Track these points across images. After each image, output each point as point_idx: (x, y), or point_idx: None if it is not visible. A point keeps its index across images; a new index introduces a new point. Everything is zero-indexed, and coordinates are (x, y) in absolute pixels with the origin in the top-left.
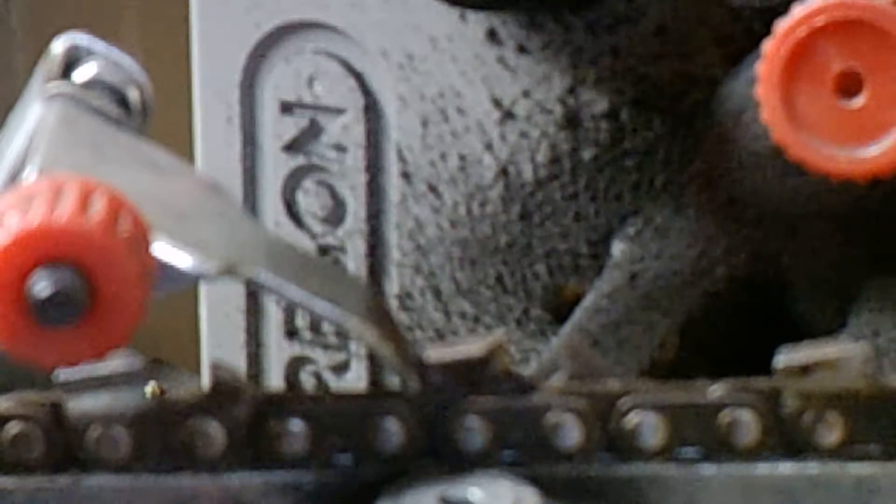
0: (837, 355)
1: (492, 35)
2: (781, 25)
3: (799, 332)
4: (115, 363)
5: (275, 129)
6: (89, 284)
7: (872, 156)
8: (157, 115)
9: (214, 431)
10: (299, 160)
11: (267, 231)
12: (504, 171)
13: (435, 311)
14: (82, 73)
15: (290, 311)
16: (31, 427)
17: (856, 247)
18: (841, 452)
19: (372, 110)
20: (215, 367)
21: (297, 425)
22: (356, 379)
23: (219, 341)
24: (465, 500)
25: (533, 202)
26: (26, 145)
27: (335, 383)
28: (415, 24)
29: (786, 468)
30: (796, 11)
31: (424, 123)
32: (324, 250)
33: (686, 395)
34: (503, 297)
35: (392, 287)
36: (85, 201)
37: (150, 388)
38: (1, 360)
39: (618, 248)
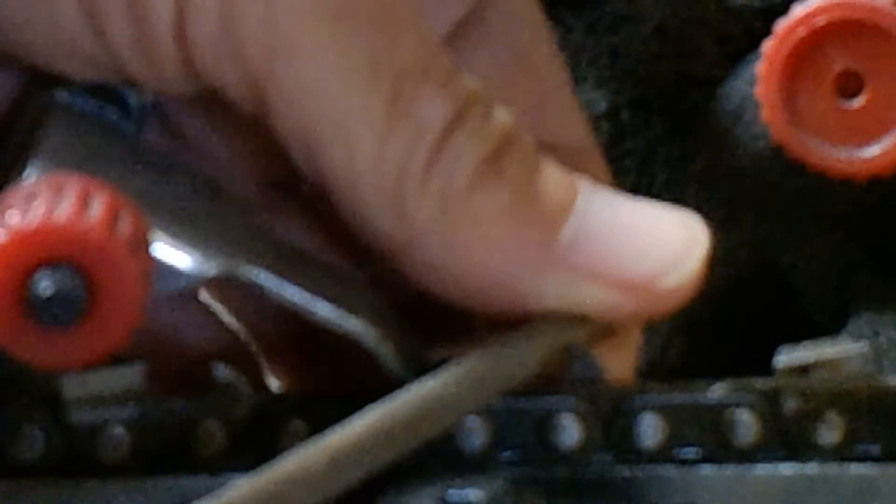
0: (837, 355)
1: None
2: (781, 25)
3: (799, 332)
4: (116, 364)
5: None
6: (89, 285)
7: (872, 156)
8: None
9: (214, 431)
10: None
11: (267, 230)
12: None
13: None
14: None
15: None
16: (31, 428)
17: (856, 247)
18: (841, 452)
19: None
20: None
21: (297, 425)
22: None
23: None
24: (465, 500)
25: None
26: (26, 145)
27: None
28: None
29: (786, 468)
30: (796, 11)
31: None
32: None
33: (686, 395)
34: None
35: None
36: (85, 201)
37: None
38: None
39: None
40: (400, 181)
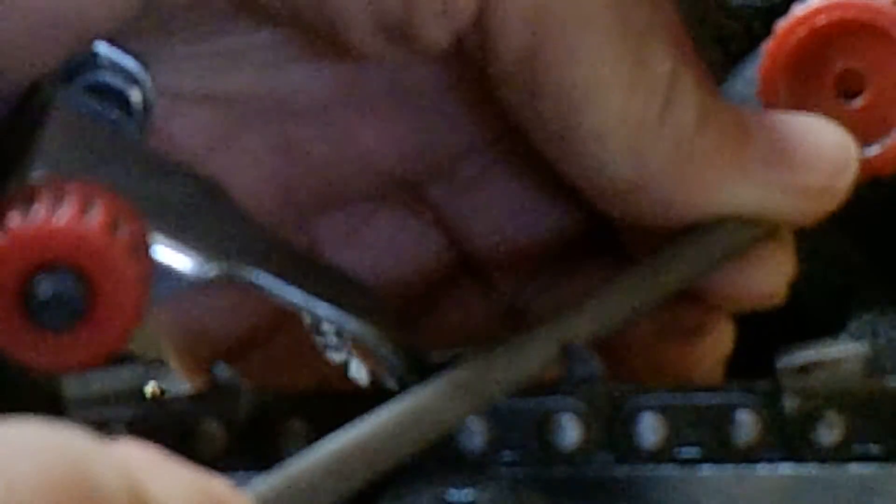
0: (837, 355)
1: None
2: (781, 25)
3: (799, 332)
4: (116, 366)
5: None
6: (88, 287)
7: (872, 156)
8: None
9: (214, 431)
10: None
11: (267, 231)
12: None
13: None
14: (83, 75)
15: None
16: None
17: (856, 247)
18: (841, 452)
19: None
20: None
21: (297, 425)
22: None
23: None
24: (465, 500)
25: None
26: (27, 146)
27: None
28: None
29: (786, 468)
30: (796, 11)
31: None
32: None
33: (686, 395)
34: None
35: None
36: (85, 204)
37: (150, 388)
38: None
39: None
40: (639, 131)
